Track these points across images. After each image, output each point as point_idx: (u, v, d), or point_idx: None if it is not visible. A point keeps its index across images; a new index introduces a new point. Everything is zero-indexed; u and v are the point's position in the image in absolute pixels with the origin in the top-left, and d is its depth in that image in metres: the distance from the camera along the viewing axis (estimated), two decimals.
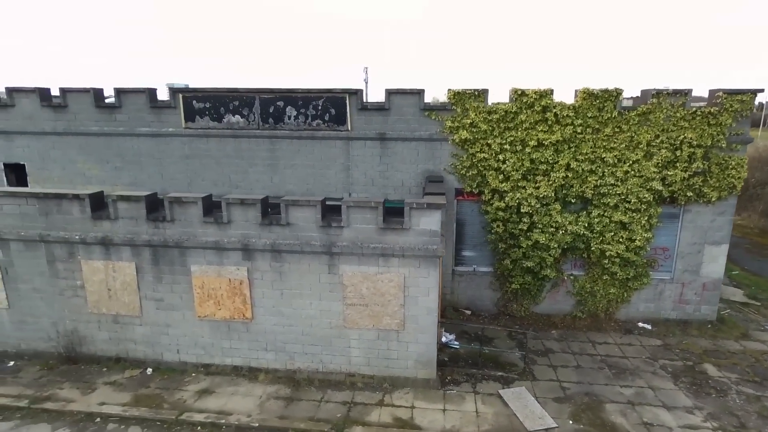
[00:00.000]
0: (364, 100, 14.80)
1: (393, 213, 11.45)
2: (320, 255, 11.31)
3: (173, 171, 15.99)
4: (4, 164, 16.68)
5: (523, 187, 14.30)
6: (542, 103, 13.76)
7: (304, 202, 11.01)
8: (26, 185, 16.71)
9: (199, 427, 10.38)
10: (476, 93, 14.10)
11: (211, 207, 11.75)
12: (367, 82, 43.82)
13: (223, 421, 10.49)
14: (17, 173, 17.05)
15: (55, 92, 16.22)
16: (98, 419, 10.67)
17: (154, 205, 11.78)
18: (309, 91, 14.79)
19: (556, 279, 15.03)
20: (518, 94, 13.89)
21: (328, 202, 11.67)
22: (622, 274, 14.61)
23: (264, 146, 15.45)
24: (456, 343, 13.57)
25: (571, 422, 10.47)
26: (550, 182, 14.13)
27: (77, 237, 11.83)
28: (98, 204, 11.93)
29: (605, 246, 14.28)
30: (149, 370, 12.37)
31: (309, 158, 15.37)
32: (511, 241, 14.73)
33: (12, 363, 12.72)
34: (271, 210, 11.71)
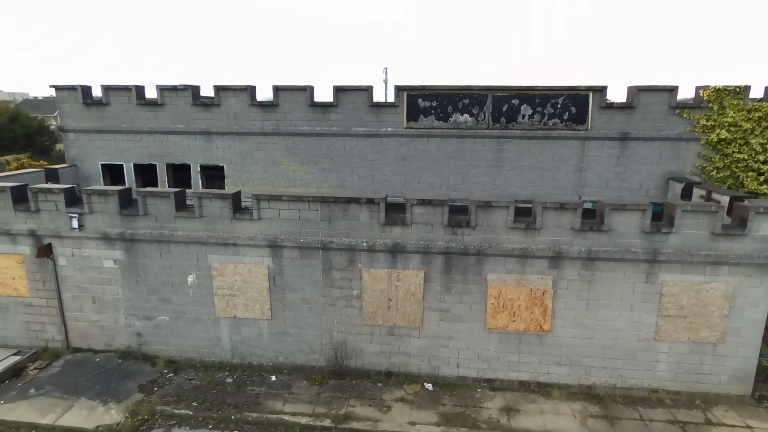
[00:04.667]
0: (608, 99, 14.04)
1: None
2: (639, 263, 10.54)
3: (387, 173, 15.24)
4: (201, 166, 15.96)
5: None
6: None
7: (632, 206, 10.25)
8: (222, 188, 15.99)
9: None
10: (737, 90, 13.33)
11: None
12: (386, 83, 42.72)
13: None
14: (209, 174, 16.35)
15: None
16: None
17: (450, 210, 11.04)
18: (549, 88, 14.03)
19: None
20: None
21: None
22: None
23: (489, 147, 14.70)
24: None
25: None
26: None
27: (364, 244, 11.08)
28: None
29: None
30: (429, 386, 11.60)
31: (538, 159, 14.61)
32: None
33: (274, 377, 11.98)
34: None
